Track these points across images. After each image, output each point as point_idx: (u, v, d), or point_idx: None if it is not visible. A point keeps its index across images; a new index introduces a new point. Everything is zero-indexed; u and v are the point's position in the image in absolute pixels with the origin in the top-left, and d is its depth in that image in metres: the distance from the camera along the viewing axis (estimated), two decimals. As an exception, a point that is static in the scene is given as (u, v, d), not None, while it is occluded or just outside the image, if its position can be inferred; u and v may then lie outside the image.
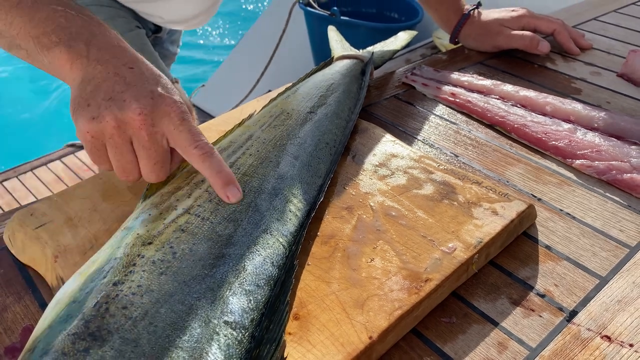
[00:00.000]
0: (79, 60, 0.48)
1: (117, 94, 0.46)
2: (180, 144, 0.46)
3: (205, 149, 0.46)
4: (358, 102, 0.66)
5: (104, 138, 0.46)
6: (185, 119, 0.47)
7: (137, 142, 0.46)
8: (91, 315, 0.35)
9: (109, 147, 0.46)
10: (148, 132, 0.45)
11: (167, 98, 0.47)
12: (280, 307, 0.39)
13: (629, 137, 0.63)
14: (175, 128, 0.46)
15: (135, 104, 0.45)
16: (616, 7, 1.06)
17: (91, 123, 0.45)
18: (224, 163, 0.47)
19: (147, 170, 0.47)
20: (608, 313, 0.44)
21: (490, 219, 0.49)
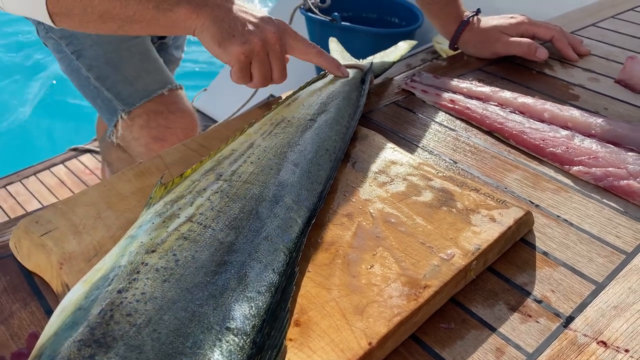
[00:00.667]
0: (202, 9, 0.62)
1: (252, 24, 0.63)
2: (301, 49, 0.67)
3: (317, 48, 0.68)
4: (358, 110, 0.67)
5: (252, 55, 0.63)
6: (297, 33, 0.67)
7: (273, 54, 0.64)
8: (96, 322, 0.36)
9: (255, 62, 0.63)
10: (280, 45, 0.64)
11: (280, 21, 0.66)
12: (281, 313, 0.40)
13: (626, 143, 0.64)
14: (294, 40, 0.67)
15: (268, 27, 0.63)
16: (614, 13, 1.07)
17: (243, 46, 0.62)
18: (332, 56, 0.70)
19: (278, 74, 0.66)
20: (604, 319, 0.44)
21: (488, 225, 0.50)
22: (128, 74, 0.98)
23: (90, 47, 0.96)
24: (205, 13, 0.62)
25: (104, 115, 1.04)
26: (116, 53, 0.97)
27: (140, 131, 0.99)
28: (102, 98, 1.00)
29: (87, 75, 0.98)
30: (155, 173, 0.59)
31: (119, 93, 0.98)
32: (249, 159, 0.54)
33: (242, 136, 0.59)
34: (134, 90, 0.98)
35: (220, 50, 0.62)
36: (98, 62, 0.97)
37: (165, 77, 1.01)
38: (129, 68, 0.98)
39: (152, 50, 1.02)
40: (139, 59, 0.99)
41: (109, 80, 0.98)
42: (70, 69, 1.01)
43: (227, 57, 0.63)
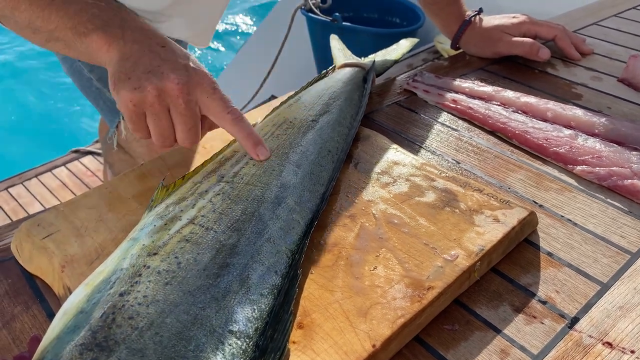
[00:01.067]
0: (115, 42, 0.53)
1: (155, 68, 0.52)
2: (213, 110, 0.53)
3: (236, 114, 0.53)
4: (360, 110, 0.67)
5: (144, 106, 0.51)
6: (216, 88, 0.53)
7: (174, 109, 0.52)
8: (98, 326, 0.36)
9: (149, 115, 0.52)
10: (184, 100, 0.51)
11: (199, 71, 0.53)
12: (284, 316, 0.40)
13: (629, 142, 0.64)
14: (209, 97, 0.52)
15: (173, 75, 0.51)
16: (616, 12, 1.07)
17: (133, 93, 0.51)
18: (252, 127, 0.54)
19: (182, 135, 0.53)
20: (609, 319, 0.44)
21: (492, 226, 0.49)
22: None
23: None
24: (116, 47, 0.53)
25: (106, 116, 1.03)
26: None
27: None
28: (104, 99, 0.99)
29: (89, 76, 0.98)
30: (156, 175, 0.59)
31: None
32: (251, 161, 0.53)
33: (244, 137, 0.59)
34: None
35: (114, 93, 0.53)
36: None
37: None
38: None
39: None
40: None
41: None
42: (72, 70, 1.01)
43: (118, 103, 0.53)
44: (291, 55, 2.26)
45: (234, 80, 2.70)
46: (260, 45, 2.55)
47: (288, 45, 2.16)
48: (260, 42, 2.59)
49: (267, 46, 2.34)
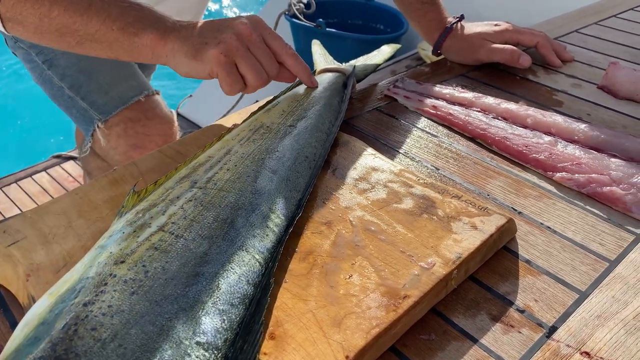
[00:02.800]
0: (169, 34, 0.59)
1: (220, 27, 0.59)
2: (276, 45, 0.61)
3: (293, 50, 0.63)
4: (339, 116, 0.66)
5: (233, 54, 0.57)
6: (273, 31, 0.62)
7: (253, 46, 0.59)
8: (59, 338, 0.34)
9: (240, 59, 0.58)
10: (257, 35, 0.59)
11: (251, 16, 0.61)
12: (255, 326, 0.39)
13: (609, 149, 0.64)
14: (270, 33, 0.61)
15: (238, 21, 0.59)
16: (597, 20, 1.07)
17: (219, 47, 0.57)
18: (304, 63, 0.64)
19: (268, 65, 0.60)
20: (587, 328, 0.43)
21: (470, 233, 0.48)
22: (102, 82, 0.95)
23: (62, 56, 0.94)
24: (173, 37, 0.59)
25: (80, 125, 1.01)
26: (89, 60, 0.95)
27: (117, 140, 0.97)
28: (77, 108, 0.97)
29: (60, 85, 0.96)
30: (129, 180, 0.58)
31: (94, 102, 0.96)
32: (225, 166, 0.52)
33: (219, 142, 0.57)
34: (109, 99, 0.96)
35: (198, 63, 0.58)
36: (71, 70, 0.94)
37: (141, 83, 0.99)
38: (103, 75, 0.96)
39: None
40: (112, 65, 0.96)
41: (82, 89, 0.95)
42: (42, 79, 0.98)
43: (208, 66, 0.58)
44: (275, 60, 2.24)
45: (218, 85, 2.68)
46: (245, 51, 2.53)
47: (272, 51, 2.15)
48: (245, 47, 2.57)
49: (251, 51, 2.32)
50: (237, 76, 0.58)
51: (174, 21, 0.61)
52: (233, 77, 0.58)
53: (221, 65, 0.57)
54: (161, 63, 0.61)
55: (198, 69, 0.59)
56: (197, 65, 0.58)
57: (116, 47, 0.60)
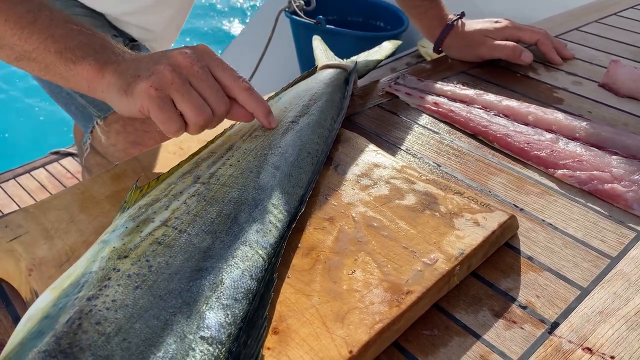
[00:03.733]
0: (108, 66, 0.52)
1: (159, 58, 0.51)
2: (225, 78, 0.52)
3: (248, 83, 0.53)
4: (341, 112, 0.66)
5: (167, 87, 0.49)
6: (220, 58, 0.53)
7: (195, 79, 0.50)
8: (63, 332, 0.34)
9: (175, 93, 0.49)
10: (199, 66, 0.50)
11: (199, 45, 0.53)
12: (259, 321, 0.39)
13: (610, 147, 0.64)
14: (218, 65, 0.52)
15: (178, 51, 0.51)
16: (598, 18, 1.07)
17: (150, 79, 0.49)
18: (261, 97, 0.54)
19: (214, 99, 0.51)
20: (589, 324, 0.44)
21: (472, 229, 0.49)
22: None
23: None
24: (111, 71, 0.52)
25: (79, 122, 1.01)
26: None
27: (117, 137, 0.96)
28: (76, 105, 0.97)
29: None
30: (131, 176, 0.58)
31: (93, 99, 0.95)
32: (228, 162, 0.52)
33: (222, 138, 0.57)
34: None
35: (128, 99, 0.50)
36: None
37: None
38: None
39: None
40: None
41: None
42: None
43: (138, 102, 0.49)
44: (275, 57, 2.25)
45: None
46: (244, 47, 2.53)
47: (272, 48, 2.15)
48: (244, 44, 2.58)
49: (251, 48, 2.33)
50: (172, 113, 0.49)
51: (122, 52, 0.54)
52: (167, 114, 0.49)
53: (152, 100, 0.48)
54: (99, 98, 0.54)
55: (129, 106, 0.51)
56: (127, 101, 0.50)
57: (52, 71, 0.54)
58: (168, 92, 0.49)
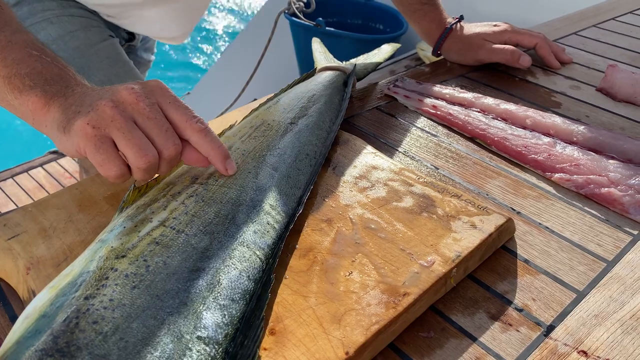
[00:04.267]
0: (55, 100, 0.47)
1: (105, 93, 0.46)
2: (178, 117, 0.45)
3: (205, 123, 0.46)
4: (339, 114, 0.66)
5: (106, 125, 0.43)
6: (175, 94, 0.47)
7: (140, 116, 0.44)
8: (60, 331, 0.34)
9: (114, 131, 0.43)
10: (146, 103, 0.44)
11: (153, 80, 0.47)
12: (256, 322, 0.39)
13: (607, 151, 0.64)
14: (171, 102, 0.46)
15: (124, 86, 0.45)
16: (596, 22, 1.08)
17: (88, 115, 0.43)
18: (219, 139, 0.48)
19: (162, 140, 0.44)
20: (585, 328, 0.44)
21: (469, 232, 0.49)
22: (98, 79, 0.95)
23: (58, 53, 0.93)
24: (57, 105, 0.46)
25: None
26: (84, 58, 0.94)
27: None
28: None
29: None
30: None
31: None
32: (227, 162, 0.52)
33: (221, 139, 0.57)
34: None
35: (66, 137, 0.44)
36: None
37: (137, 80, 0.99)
38: (99, 73, 0.95)
39: (121, 53, 1.00)
40: (108, 62, 0.96)
41: None
42: None
43: (75, 141, 0.44)
44: (274, 59, 2.25)
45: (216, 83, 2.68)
46: (244, 49, 2.54)
47: (271, 49, 2.15)
48: (243, 45, 2.58)
49: (250, 49, 2.33)
50: (111, 154, 0.43)
51: (77, 84, 0.49)
52: (105, 155, 0.43)
53: (88, 139, 0.43)
54: (44, 133, 0.49)
55: (67, 145, 0.45)
56: (65, 139, 0.45)
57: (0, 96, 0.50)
58: (107, 131, 0.43)
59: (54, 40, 0.93)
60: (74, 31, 0.94)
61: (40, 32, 0.93)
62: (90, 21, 0.96)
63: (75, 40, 0.94)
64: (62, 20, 0.93)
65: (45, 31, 0.93)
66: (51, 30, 0.93)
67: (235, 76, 2.35)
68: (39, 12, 0.92)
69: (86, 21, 0.95)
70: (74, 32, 0.94)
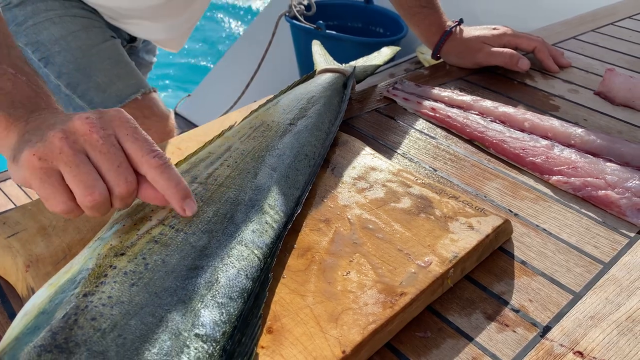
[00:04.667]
0: (16, 124, 0.44)
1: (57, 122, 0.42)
2: (135, 150, 0.41)
3: (164, 159, 0.42)
4: (339, 115, 0.66)
5: (53, 157, 0.39)
6: (136, 125, 0.42)
7: (92, 149, 0.40)
8: (59, 327, 0.35)
9: (61, 165, 0.39)
10: (100, 134, 0.40)
11: (113, 109, 0.43)
12: (253, 320, 0.39)
13: (604, 154, 0.64)
14: (129, 134, 0.41)
15: (78, 115, 0.41)
16: (594, 27, 1.08)
17: (36, 146, 0.40)
18: (181, 176, 0.43)
19: (113, 176, 0.40)
20: (581, 329, 0.44)
21: (466, 233, 0.49)
22: (100, 80, 0.96)
23: (59, 54, 0.94)
24: (17, 130, 0.44)
25: None
26: (86, 59, 0.95)
27: None
28: (74, 106, 0.97)
29: (57, 83, 0.96)
30: (129, 175, 0.58)
31: (91, 100, 0.96)
32: (226, 162, 0.53)
33: (220, 139, 0.58)
34: (106, 97, 0.96)
35: (15, 167, 0.41)
36: (68, 68, 0.95)
37: (139, 81, 1.00)
38: (101, 74, 0.96)
39: (123, 54, 1.00)
40: (109, 63, 0.97)
41: (80, 87, 0.95)
42: None
43: (22, 172, 0.41)
44: (275, 61, 2.26)
45: (217, 85, 2.69)
46: (245, 50, 2.55)
47: (272, 52, 2.16)
48: (244, 47, 2.59)
49: (251, 51, 2.34)
50: (56, 189, 0.40)
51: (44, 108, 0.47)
52: (50, 190, 0.40)
53: (33, 172, 0.40)
54: None
55: (15, 175, 0.42)
56: (14, 169, 0.42)
57: None
58: (55, 164, 0.40)
59: (57, 40, 0.93)
60: (76, 31, 0.94)
61: (43, 32, 0.93)
62: (92, 22, 0.96)
63: (77, 40, 0.94)
64: (65, 21, 0.94)
65: (48, 31, 0.93)
66: (54, 30, 0.93)
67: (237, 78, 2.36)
68: (42, 12, 0.93)
69: (88, 22, 0.96)
70: (76, 32, 0.94)
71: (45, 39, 0.94)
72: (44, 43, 0.94)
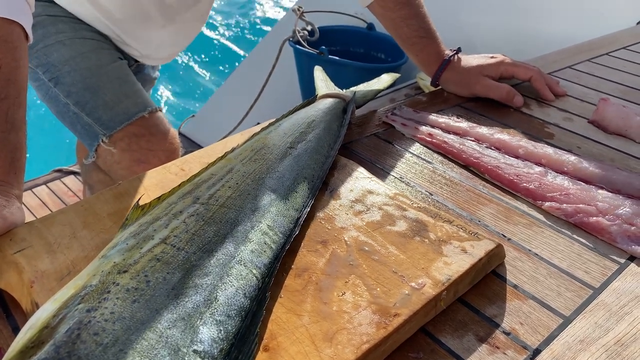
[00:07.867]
0: None
1: None
2: None
3: None
4: (338, 139, 0.68)
5: None
6: None
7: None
8: (62, 341, 0.36)
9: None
10: None
11: None
12: (250, 338, 0.40)
13: (596, 181, 0.66)
14: None
15: None
16: (590, 57, 1.11)
17: None
18: None
19: None
20: (570, 352, 0.45)
21: (460, 257, 0.50)
22: (108, 99, 0.99)
23: (68, 74, 0.97)
24: None
25: (84, 140, 1.04)
26: (95, 78, 0.98)
27: (122, 154, 0.99)
28: (82, 123, 1.00)
29: (65, 101, 0.99)
30: (133, 195, 0.60)
31: (99, 118, 0.99)
32: (227, 184, 0.54)
33: (222, 161, 0.60)
34: (114, 114, 0.99)
35: None
36: (76, 87, 0.98)
37: (145, 100, 1.03)
38: (109, 92, 0.99)
39: (130, 74, 1.04)
40: (118, 83, 1.00)
41: (88, 106, 0.98)
42: (48, 96, 1.01)
43: None
44: (278, 84, 2.29)
45: (221, 107, 2.72)
46: (248, 74, 2.59)
47: (275, 75, 2.19)
48: (248, 70, 2.63)
49: (254, 75, 2.37)
50: None
51: None
52: None
53: None
54: None
55: None
56: None
57: None
58: None
59: (67, 61, 0.96)
60: (85, 52, 0.97)
61: (54, 54, 0.96)
62: (102, 44, 0.99)
63: (87, 61, 0.97)
64: (75, 43, 0.97)
65: (59, 52, 0.96)
66: (64, 51, 0.96)
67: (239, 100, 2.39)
68: (53, 34, 0.96)
69: (98, 44, 0.99)
70: (86, 53, 0.97)
71: (55, 60, 0.97)
72: (54, 64, 0.97)
